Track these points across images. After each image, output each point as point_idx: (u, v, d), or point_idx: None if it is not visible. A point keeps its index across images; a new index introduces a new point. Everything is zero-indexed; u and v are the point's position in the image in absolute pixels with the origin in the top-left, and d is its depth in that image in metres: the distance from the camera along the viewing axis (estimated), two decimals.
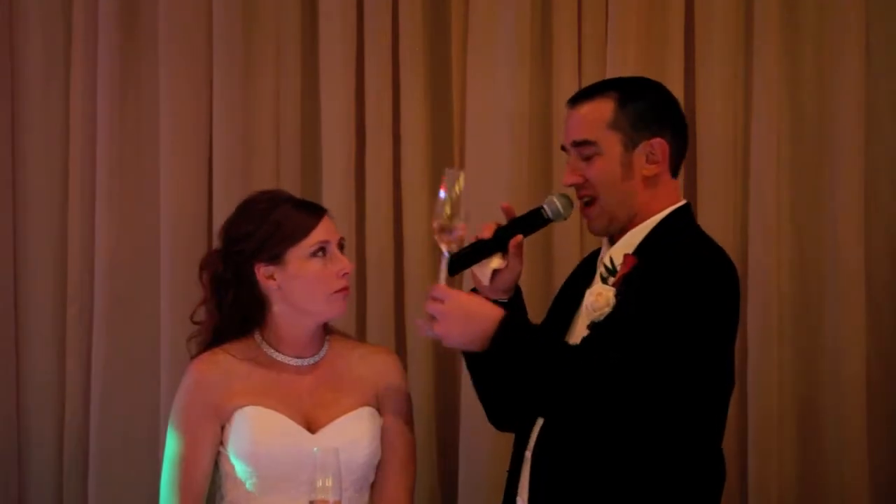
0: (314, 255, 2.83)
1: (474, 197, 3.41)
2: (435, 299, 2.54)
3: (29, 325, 3.64)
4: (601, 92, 2.73)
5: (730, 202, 3.40)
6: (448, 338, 2.56)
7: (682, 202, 2.73)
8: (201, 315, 2.94)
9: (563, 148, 2.76)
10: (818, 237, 3.38)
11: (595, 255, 2.81)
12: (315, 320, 2.88)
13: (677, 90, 3.40)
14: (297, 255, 2.83)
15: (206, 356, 2.90)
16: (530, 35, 3.45)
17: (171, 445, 2.84)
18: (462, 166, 3.50)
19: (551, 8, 3.46)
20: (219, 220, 3.49)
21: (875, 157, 3.38)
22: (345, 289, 2.85)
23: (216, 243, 2.96)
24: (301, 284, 2.83)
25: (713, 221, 3.36)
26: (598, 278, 2.70)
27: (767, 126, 3.36)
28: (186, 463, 2.82)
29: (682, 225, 2.71)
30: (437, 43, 3.54)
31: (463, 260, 2.65)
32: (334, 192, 3.48)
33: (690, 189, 3.42)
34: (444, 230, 2.56)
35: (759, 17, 3.37)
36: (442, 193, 2.56)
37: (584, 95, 2.75)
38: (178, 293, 3.51)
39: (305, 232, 2.83)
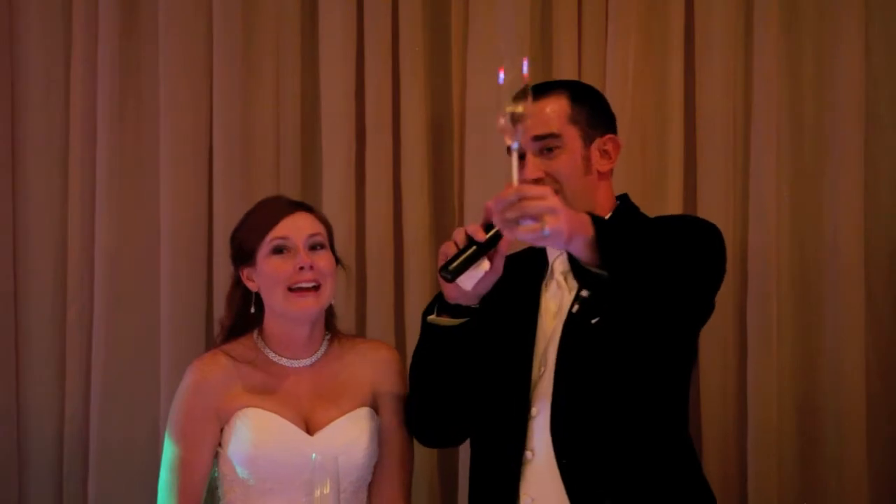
0: (273, 252, 2.82)
1: (474, 196, 3.45)
2: (534, 198, 2.29)
3: (29, 325, 3.64)
4: (552, 90, 2.76)
5: (730, 201, 3.39)
6: (564, 231, 2.32)
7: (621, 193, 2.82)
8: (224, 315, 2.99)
9: (510, 149, 2.75)
10: (818, 236, 3.38)
11: (530, 260, 2.81)
12: (289, 322, 2.86)
13: (677, 90, 3.41)
14: (262, 253, 2.83)
15: (206, 357, 2.90)
16: (530, 34, 3.45)
17: (170, 448, 2.83)
18: (462, 166, 3.51)
19: (551, 8, 3.46)
20: (219, 220, 3.51)
21: (875, 157, 3.38)
22: (306, 287, 2.80)
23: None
24: (263, 282, 2.83)
25: (713, 220, 3.35)
26: (557, 279, 2.73)
27: (767, 125, 3.36)
28: (185, 465, 2.81)
29: (635, 212, 2.80)
30: (437, 42, 3.54)
31: (463, 265, 2.55)
32: (334, 192, 3.48)
33: (690, 188, 3.42)
34: (516, 121, 2.34)
35: (759, 16, 3.37)
36: (501, 77, 2.36)
37: (534, 92, 2.75)
38: (179, 293, 3.51)
39: (266, 229, 2.83)
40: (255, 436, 2.78)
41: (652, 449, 2.64)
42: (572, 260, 2.47)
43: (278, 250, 2.82)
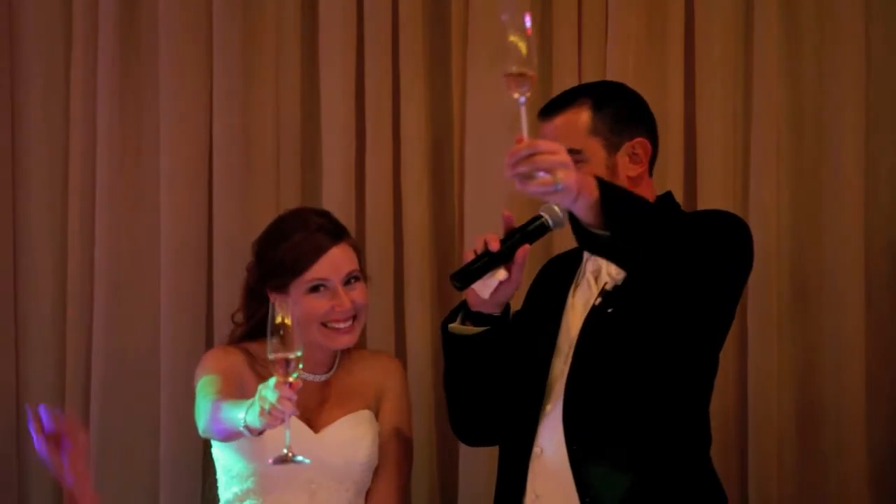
0: (312, 290, 2.85)
1: (474, 197, 3.45)
2: (546, 152, 2.29)
3: (29, 325, 3.64)
4: (574, 100, 2.74)
5: (730, 202, 3.39)
6: (574, 185, 2.31)
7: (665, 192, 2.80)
8: (240, 317, 3.00)
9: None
10: (818, 237, 3.38)
11: (567, 261, 2.82)
12: (317, 348, 2.89)
13: (677, 90, 3.41)
14: (298, 288, 2.85)
15: (229, 346, 2.95)
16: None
17: (203, 385, 2.83)
18: (462, 166, 3.50)
19: (551, 8, 3.46)
20: (219, 221, 3.52)
21: (875, 157, 3.38)
22: (344, 325, 2.87)
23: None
24: (300, 315, 2.85)
25: None
26: (587, 278, 2.73)
27: (767, 126, 3.36)
28: (218, 384, 2.80)
29: (671, 207, 2.79)
30: (437, 43, 3.54)
31: (473, 274, 2.57)
32: (334, 192, 3.48)
33: (690, 189, 3.42)
34: (522, 76, 2.36)
35: (759, 17, 3.37)
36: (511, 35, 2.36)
37: (556, 106, 2.75)
38: (179, 294, 3.51)
39: (305, 267, 2.85)
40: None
41: (662, 445, 2.63)
42: (574, 222, 2.46)
43: (315, 289, 2.86)
